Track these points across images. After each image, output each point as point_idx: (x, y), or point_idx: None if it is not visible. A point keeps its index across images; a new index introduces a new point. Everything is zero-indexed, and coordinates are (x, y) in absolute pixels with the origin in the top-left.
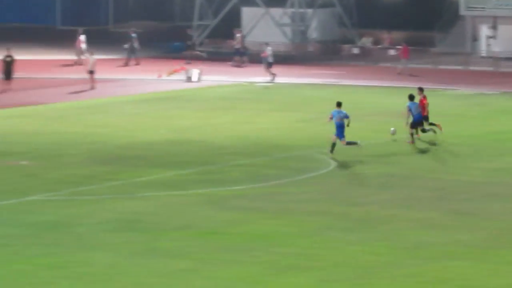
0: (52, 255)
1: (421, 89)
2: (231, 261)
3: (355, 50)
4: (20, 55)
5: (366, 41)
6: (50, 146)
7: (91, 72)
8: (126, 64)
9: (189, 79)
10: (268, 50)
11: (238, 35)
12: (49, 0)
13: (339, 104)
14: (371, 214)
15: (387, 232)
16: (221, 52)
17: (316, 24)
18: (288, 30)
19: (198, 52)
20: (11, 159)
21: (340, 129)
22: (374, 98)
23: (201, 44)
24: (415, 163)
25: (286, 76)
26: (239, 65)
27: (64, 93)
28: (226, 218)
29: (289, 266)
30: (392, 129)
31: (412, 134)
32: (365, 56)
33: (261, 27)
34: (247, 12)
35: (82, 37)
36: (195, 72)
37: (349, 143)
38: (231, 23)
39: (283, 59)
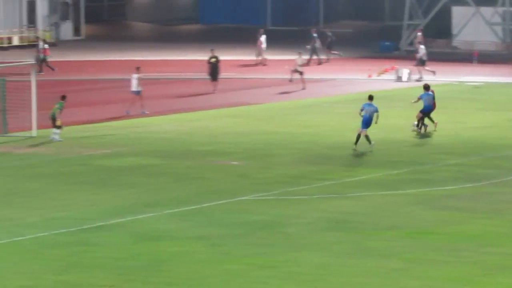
0: (263, 254)
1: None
2: (441, 261)
3: None
4: (229, 56)
5: None
6: (260, 146)
7: (300, 73)
8: (307, 64)
9: (399, 78)
10: (421, 49)
11: (418, 33)
12: (260, 2)
13: (371, 98)
14: None
15: None
16: (432, 51)
17: None
18: (499, 29)
19: (335, 52)
20: (223, 159)
21: (367, 123)
22: None
23: (410, 43)
24: None
25: (497, 76)
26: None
27: (273, 93)
28: (436, 218)
29: (499, 267)
30: (414, 123)
31: (418, 120)
32: None
33: (471, 26)
34: (457, 11)
35: (263, 38)
36: (405, 71)
37: (366, 137)
38: (442, 22)
39: (493, 58)
